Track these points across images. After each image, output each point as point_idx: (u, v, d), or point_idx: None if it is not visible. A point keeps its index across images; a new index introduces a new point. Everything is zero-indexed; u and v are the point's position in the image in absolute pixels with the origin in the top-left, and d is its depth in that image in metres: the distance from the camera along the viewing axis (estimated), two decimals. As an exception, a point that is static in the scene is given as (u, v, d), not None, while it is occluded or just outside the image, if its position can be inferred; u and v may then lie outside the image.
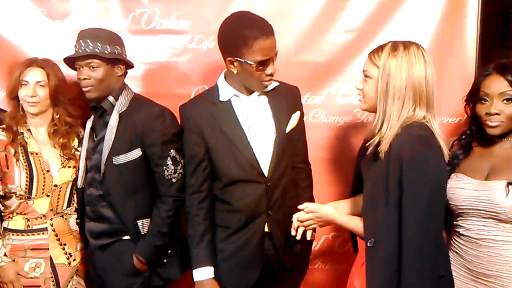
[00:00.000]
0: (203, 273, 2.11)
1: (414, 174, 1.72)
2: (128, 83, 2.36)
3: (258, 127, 2.12)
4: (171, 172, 2.17)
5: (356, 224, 1.91)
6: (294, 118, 2.16)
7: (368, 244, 1.82)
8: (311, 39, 2.57)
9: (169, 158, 2.17)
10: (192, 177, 2.15)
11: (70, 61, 2.23)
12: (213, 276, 2.11)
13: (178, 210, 2.22)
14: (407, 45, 1.82)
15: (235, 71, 2.05)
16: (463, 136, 2.03)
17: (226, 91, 2.12)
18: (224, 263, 2.14)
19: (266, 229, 2.14)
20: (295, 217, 2.02)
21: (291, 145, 2.18)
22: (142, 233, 2.22)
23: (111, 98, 2.21)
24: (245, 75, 2.03)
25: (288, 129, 2.14)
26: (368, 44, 2.50)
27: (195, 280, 2.12)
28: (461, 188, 1.93)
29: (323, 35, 2.59)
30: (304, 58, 2.58)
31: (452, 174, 1.97)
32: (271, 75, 2.04)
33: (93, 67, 2.15)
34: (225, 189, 2.14)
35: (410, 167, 1.72)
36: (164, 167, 2.17)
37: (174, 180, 2.18)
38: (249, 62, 1.98)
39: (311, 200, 2.27)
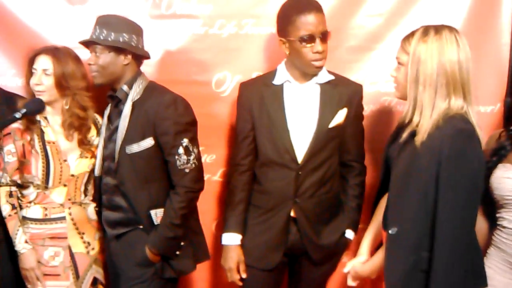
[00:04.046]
0: (230, 238, 2.24)
1: (453, 170, 1.70)
2: (147, 69, 2.33)
3: (301, 115, 2.18)
4: (183, 162, 2.14)
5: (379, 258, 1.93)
6: (341, 114, 2.18)
7: (390, 231, 1.82)
8: (337, 24, 2.48)
9: (181, 147, 2.14)
10: (236, 150, 2.29)
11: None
12: (239, 243, 2.24)
13: (192, 201, 2.21)
14: (438, 29, 1.77)
15: (287, 52, 2.15)
16: (511, 127, 1.99)
17: (281, 75, 2.21)
18: (249, 241, 2.25)
19: (292, 214, 2.20)
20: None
21: (336, 141, 2.21)
22: (156, 223, 2.19)
23: (125, 87, 2.19)
24: (295, 54, 2.12)
25: (331, 125, 2.17)
26: (396, 29, 2.44)
27: (222, 243, 2.27)
28: (508, 178, 1.89)
29: (349, 20, 2.52)
30: (329, 44, 2.49)
31: (499, 165, 1.94)
32: (319, 53, 2.08)
33: (96, 54, 2.17)
34: (261, 168, 2.25)
35: (450, 162, 1.69)
36: (176, 157, 2.14)
37: (187, 170, 2.15)
38: (294, 38, 2.07)
39: (359, 199, 2.31)
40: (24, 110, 2.15)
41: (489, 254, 2.00)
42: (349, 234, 2.29)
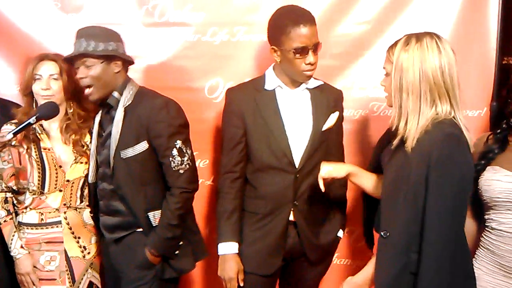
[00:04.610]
0: (228, 248, 2.20)
1: (441, 174, 1.71)
2: (140, 76, 2.36)
3: (296, 119, 2.19)
4: (177, 163, 2.17)
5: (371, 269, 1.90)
6: (332, 118, 2.21)
7: (382, 234, 1.83)
8: (326, 31, 2.51)
9: (175, 149, 2.16)
10: (227, 157, 2.23)
11: (70, 62, 2.23)
12: (237, 252, 2.19)
13: (187, 202, 2.23)
14: (420, 37, 1.78)
15: (278, 60, 2.15)
16: (499, 130, 2.01)
17: (272, 81, 2.21)
18: (248, 248, 2.22)
19: (291, 217, 2.21)
20: None
21: (326, 144, 2.24)
22: (154, 225, 2.22)
23: (116, 94, 2.21)
24: (286, 63, 2.12)
25: (324, 127, 2.20)
26: (384, 36, 2.47)
27: (219, 253, 2.21)
28: (498, 180, 1.91)
29: (337, 27, 2.55)
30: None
31: (488, 167, 1.95)
32: (311, 64, 2.10)
33: (88, 66, 2.16)
34: (255, 174, 2.22)
35: (438, 166, 1.71)
36: (170, 158, 2.16)
37: (181, 171, 2.18)
38: (287, 49, 2.07)
39: (343, 199, 2.33)
40: (38, 115, 2.14)
41: (478, 256, 2.02)
42: (340, 233, 2.32)
